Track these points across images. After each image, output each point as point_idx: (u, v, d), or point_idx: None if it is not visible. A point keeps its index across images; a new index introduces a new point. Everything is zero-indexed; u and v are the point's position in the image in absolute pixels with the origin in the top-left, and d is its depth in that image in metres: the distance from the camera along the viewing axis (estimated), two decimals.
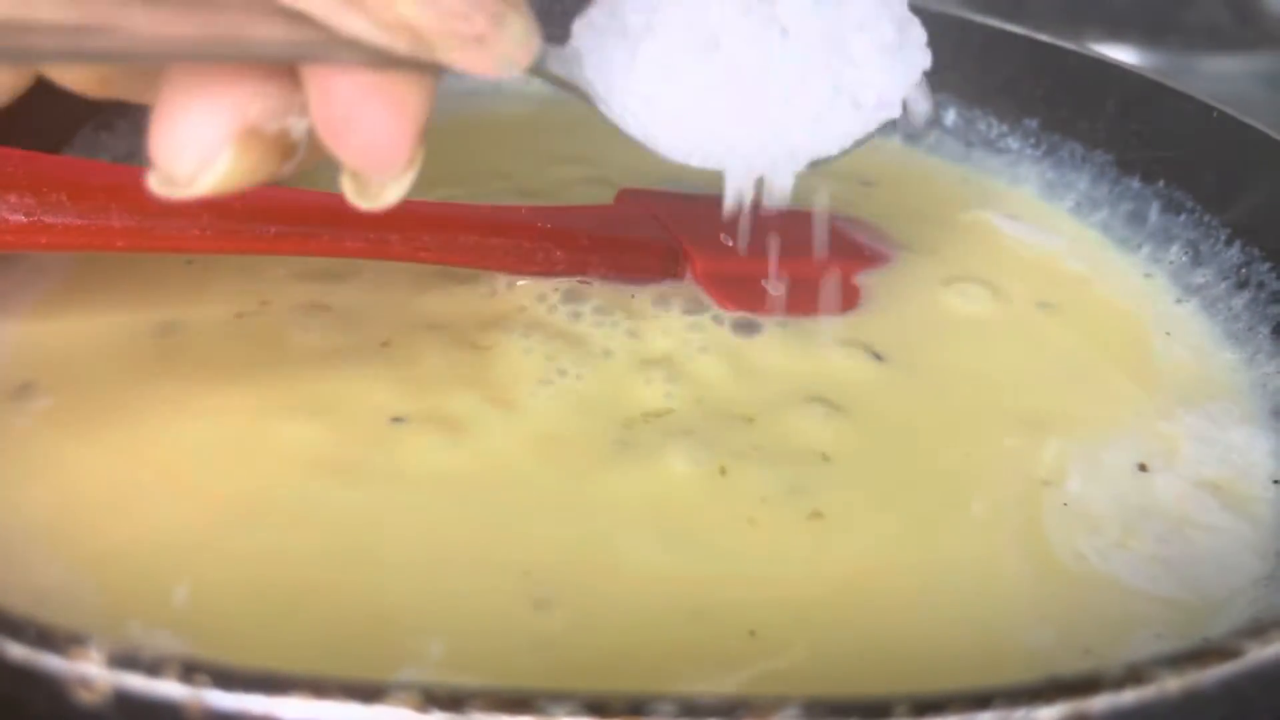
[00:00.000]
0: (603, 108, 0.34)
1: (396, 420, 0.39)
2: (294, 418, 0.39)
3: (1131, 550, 0.38)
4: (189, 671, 0.22)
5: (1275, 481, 0.41)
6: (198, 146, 0.26)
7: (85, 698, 0.23)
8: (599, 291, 0.45)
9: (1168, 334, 0.48)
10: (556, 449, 0.39)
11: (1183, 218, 0.52)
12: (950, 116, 0.60)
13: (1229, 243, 0.50)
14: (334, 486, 0.37)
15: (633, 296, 0.45)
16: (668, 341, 0.44)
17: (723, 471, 0.38)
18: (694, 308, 0.45)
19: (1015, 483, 0.40)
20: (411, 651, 0.32)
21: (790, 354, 0.44)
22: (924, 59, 0.37)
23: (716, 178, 0.56)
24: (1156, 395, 0.45)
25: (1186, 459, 0.42)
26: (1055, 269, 0.52)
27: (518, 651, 0.32)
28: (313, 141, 0.28)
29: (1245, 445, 0.43)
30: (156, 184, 0.27)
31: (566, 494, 0.37)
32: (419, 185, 0.53)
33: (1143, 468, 0.41)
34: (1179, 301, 0.50)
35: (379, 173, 0.28)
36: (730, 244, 0.48)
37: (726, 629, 0.33)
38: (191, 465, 0.37)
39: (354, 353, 0.42)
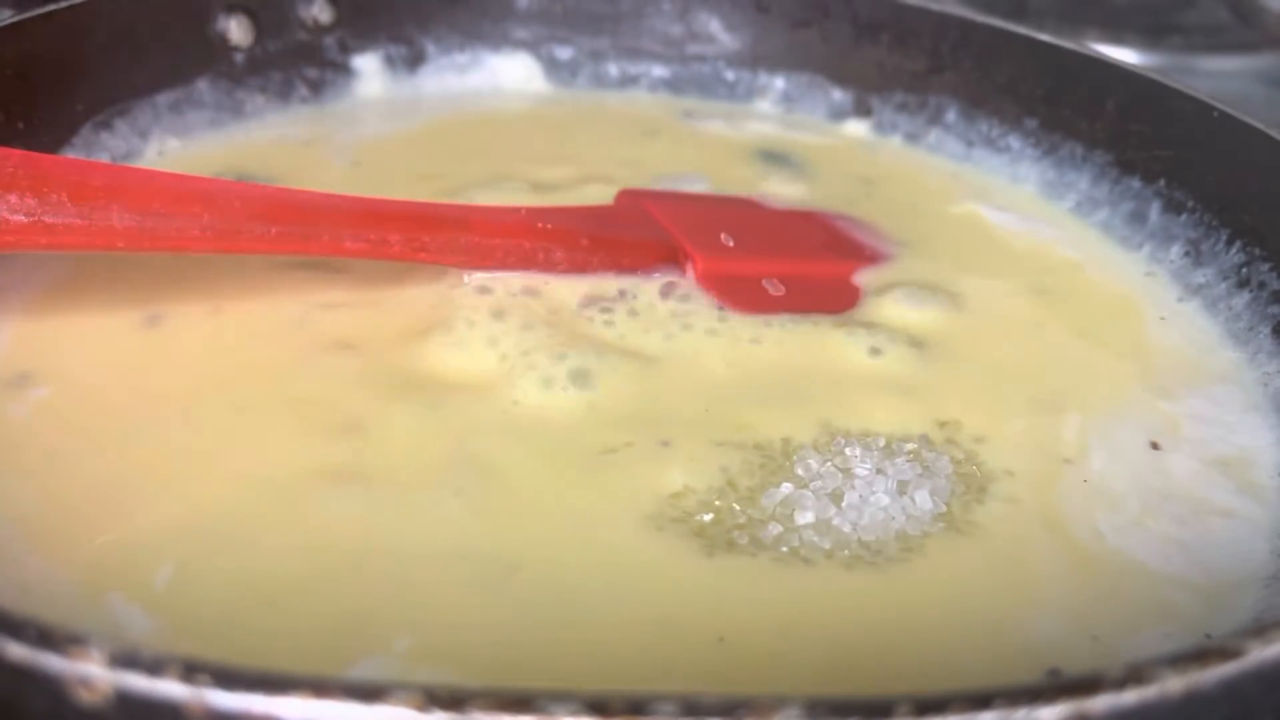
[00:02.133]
0: None
1: (375, 417, 0.39)
2: (277, 415, 0.39)
3: (1148, 529, 0.38)
4: (190, 671, 0.22)
5: None
6: None
7: (86, 698, 0.23)
8: (592, 292, 0.45)
9: (1162, 319, 0.49)
10: (544, 451, 0.38)
11: (1184, 217, 0.52)
12: (951, 116, 0.60)
13: (1230, 242, 0.50)
14: (315, 484, 0.37)
15: (634, 297, 0.45)
16: (666, 343, 0.43)
17: (723, 477, 0.38)
18: (693, 309, 0.45)
19: (1037, 460, 0.40)
20: (383, 643, 0.32)
21: (794, 351, 0.44)
22: None
23: (715, 177, 0.56)
24: (1159, 378, 0.45)
25: (1193, 438, 0.42)
26: (1055, 264, 0.52)
27: (491, 647, 0.32)
28: None
29: (1250, 431, 0.43)
30: None
31: (554, 495, 0.37)
32: (419, 182, 0.53)
33: (1155, 445, 0.41)
34: (1180, 300, 0.50)
35: None
36: (730, 244, 0.48)
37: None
38: (177, 460, 0.37)
39: (336, 349, 0.42)
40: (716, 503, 0.37)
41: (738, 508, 0.37)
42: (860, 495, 0.37)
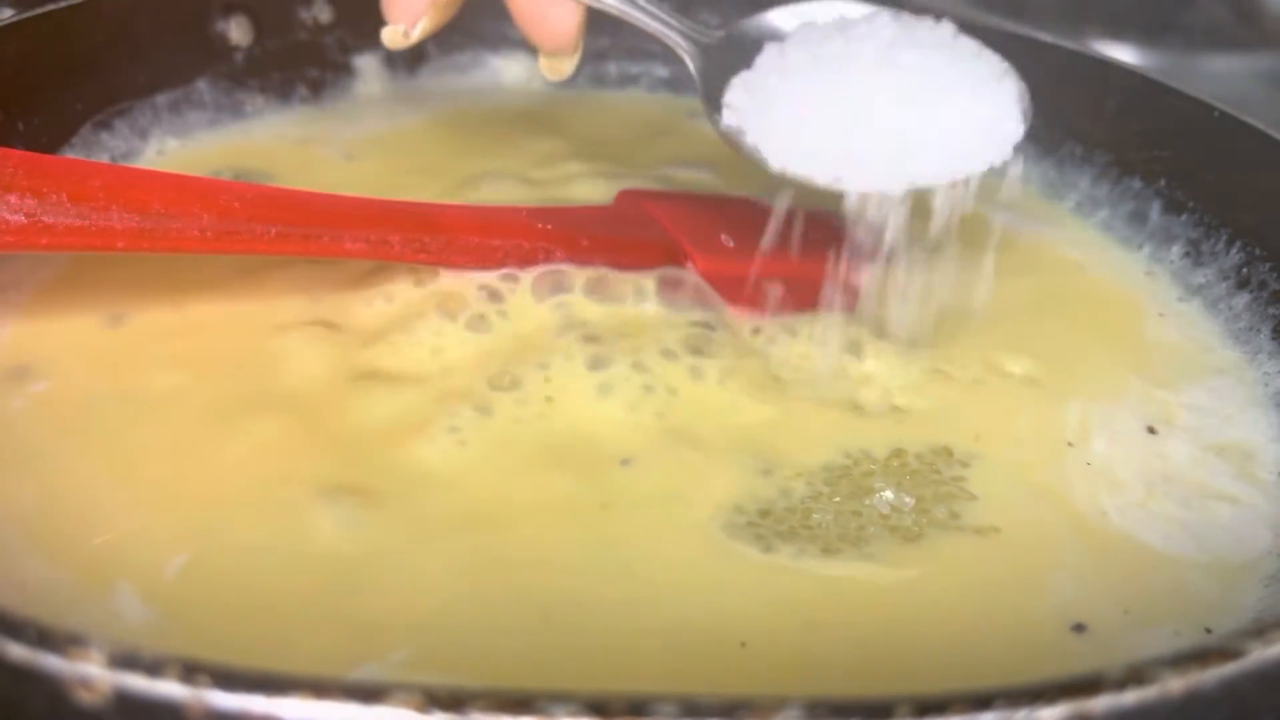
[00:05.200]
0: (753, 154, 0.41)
1: (368, 421, 0.39)
2: (271, 416, 0.39)
3: (1152, 511, 0.39)
4: (190, 672, 0.22)
5: None
6: (412, 10, 0.44)
7: (85, 698, 0.23)
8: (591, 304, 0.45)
9: (1162, 316, 0.49)
10: (549, 457, 0.38)
11: (1184, 217, 0.52)
12: None
13: (1230, 242, 0.50)
14: (307, 487, 0.36)
15: (634, 293, 0.45)
16: (666, 348, 0.43)
17: (735, 487, 0.38)
18: (694, 318, 0.45)
19: (1040, 445, 0.41)
20: (382, 653, 0.31)
21: (796, 354, 0.44)
22: (1020, 120, 0.42)
23: (717, 178, 0.56)
24: (1158, 371, 0.46)
25: (1191, 426, 0.43)
26: (1057, 263, 0.52)
27: (494, 657, 0.32)
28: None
29: (1250, 426, 0.43)
30: (389, 37, 0.44)
31: (559, 502, 0.37)
32: (418, 179, 0.53)
33: (1151, 430, 0.42)
34: (1181, 300, 0.50)
35: (558, 50, 0.45)
36: (730, 244, 0.48)
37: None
38: (173, 460, 0.37)
39: (332, 348, 0.42)
40: (732, 510, 0.37)
41: (754, 517, 0.37)
42: (871, 501, 0.38)
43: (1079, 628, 0.34)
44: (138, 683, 0.23)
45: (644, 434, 0.39)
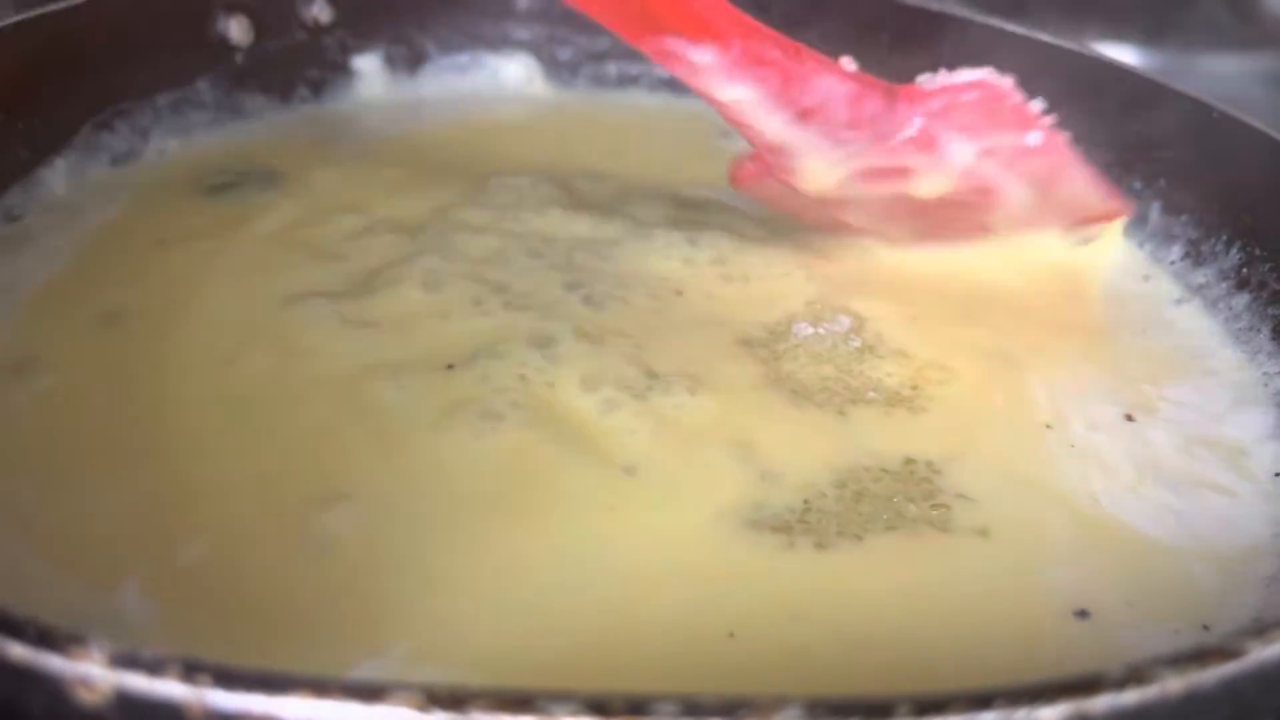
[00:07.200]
0: None
1: (369, 417, 0.39)
2: (270, 413, 0.39)
3: (1142, 497, 0.39)
4: (190, 671, 0.22)
5: (1277, 474, 0.41)
6: None
7: (86, 698, 0.23)
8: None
9: (1163, 316, 0.49)
10: (550, 453, 0.38)
11: (1184, 218, 0.52)
12: None
13: (1230, 243, 0.50)
14: (315, 484, 0.36)
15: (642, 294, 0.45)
16: (673, 353, 0.43)
17: (735, 483, 0.38)
18: (709, 321, 0.45)
19: (1043, 441, 0.41)
20: (381, 648, 0.31)
21: (801, 356, 0.44)
22: None
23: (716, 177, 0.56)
24: (1158, 370, 0.46)
25: (1190, 421, 0.43)
26: (1054, 261, 0.52)
27: (491, 650, 0.32)
28: None
29: (1249, 425, 0.43)
30: None
31: (557, 500, 0.37)
32: (419, 178, 0.53)
33: (1129, 418, 0.42)
34: (1180, 301, 0.50)
35: None
36: None
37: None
38: (172, 458, 0.37)
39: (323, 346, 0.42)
40: (729, 507, 0.37)
41: (751, 512, 0.37)
42: (872, 503, 0.38)
43: (1082, 614, 0.34)
44: (138, 682, 0.23)
45: (648, 435, 0.39)
